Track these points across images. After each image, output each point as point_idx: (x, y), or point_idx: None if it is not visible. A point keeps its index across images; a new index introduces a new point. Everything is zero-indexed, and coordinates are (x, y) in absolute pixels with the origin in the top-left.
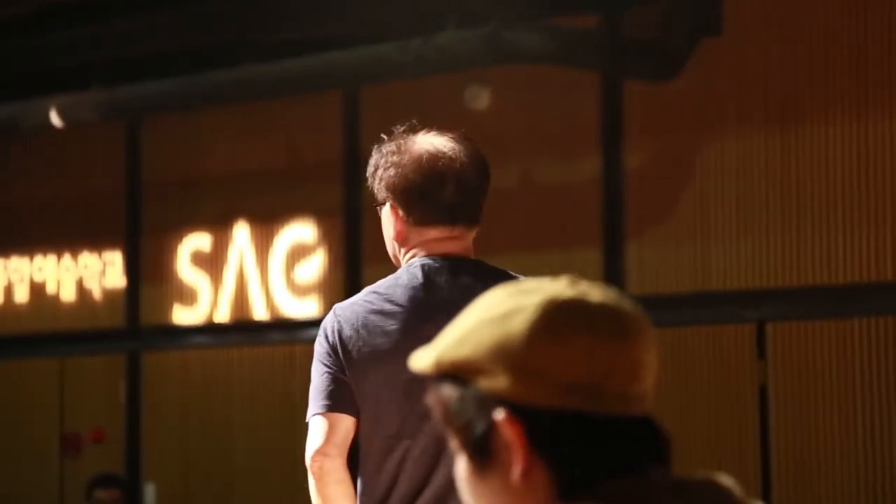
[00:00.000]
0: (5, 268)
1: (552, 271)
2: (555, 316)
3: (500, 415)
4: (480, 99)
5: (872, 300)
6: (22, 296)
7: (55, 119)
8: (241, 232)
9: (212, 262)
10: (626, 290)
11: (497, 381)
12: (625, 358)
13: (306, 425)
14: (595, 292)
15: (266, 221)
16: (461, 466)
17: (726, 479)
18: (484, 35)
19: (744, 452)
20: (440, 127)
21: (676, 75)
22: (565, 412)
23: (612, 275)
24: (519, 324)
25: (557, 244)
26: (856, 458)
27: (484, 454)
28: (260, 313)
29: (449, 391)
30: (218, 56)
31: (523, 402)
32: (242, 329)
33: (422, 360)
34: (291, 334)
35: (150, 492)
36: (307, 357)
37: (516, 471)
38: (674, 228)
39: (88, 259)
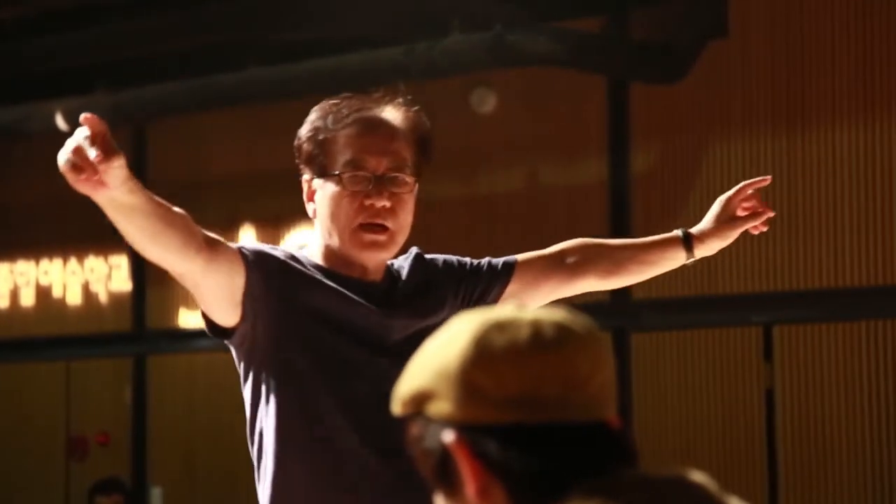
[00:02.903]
0: (11, 271)
1: None
2: (482, 336)
3: (449, 437)
4: (486, 102)
5: (879, 303)
6: (28, 299)
7: (61, 122)
8: (247, 235)
9: None
10: (631, 293)
11: (443, 406)
12: (554, 367)
13: None
14: (533, 313)
15: (272, 224)
16: (438, 500)
17: (699, 475)
18: (489, 38)
19: (751, 455)
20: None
21: (682, 78)
22: (507, 426)
23: None
24: (454, 348)
25: None
26: (862, 461)
27: (446, 480)
28: None
29: (415, 425)
30: (223, 59)
31: (468, 422)
32: None
33: (394, 404)
34: None
35: (155, 495)
36: None
37: (470, 490)
38: None
39: (94, 263)
